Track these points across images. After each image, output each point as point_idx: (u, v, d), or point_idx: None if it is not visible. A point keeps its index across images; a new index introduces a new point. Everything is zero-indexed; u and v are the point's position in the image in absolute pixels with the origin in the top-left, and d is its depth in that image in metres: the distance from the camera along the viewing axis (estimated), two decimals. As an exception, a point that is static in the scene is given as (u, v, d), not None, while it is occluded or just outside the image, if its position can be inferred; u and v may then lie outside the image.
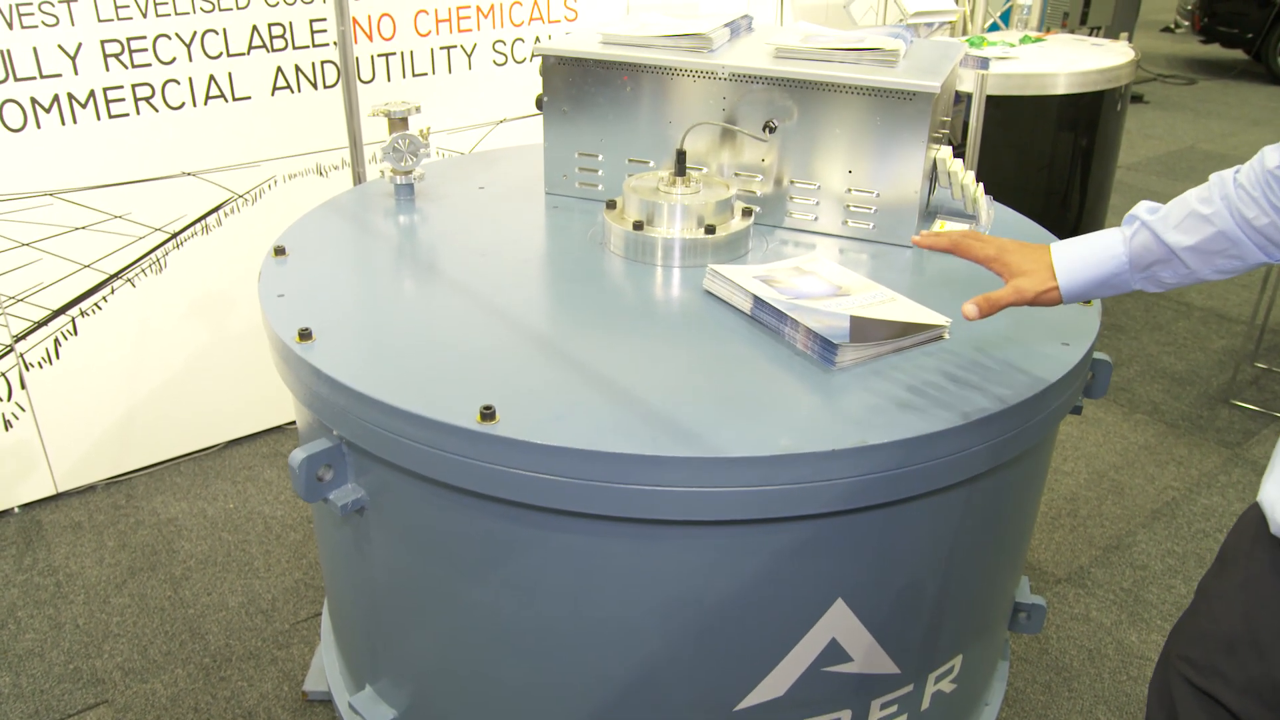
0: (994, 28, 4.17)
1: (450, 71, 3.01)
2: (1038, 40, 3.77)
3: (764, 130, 1.69)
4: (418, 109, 1.84)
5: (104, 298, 2.59)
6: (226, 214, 2.71)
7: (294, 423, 3.02)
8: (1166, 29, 12.06)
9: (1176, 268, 1.13)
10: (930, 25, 3.29)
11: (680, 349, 1.32)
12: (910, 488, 1.18)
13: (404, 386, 1.19)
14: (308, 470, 1.28)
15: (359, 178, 2.76)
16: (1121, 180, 5.53)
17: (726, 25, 1.85)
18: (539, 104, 1.86)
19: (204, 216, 2.68)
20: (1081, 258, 1.17)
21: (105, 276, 2.58)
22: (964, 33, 3.99)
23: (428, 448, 1.15)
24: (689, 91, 1.73)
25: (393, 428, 1.17)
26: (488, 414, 1.13)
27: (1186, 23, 10.62)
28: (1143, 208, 1.15)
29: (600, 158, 1.84)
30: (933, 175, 1.78)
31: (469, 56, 3.03)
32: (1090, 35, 4.65)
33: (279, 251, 1.59)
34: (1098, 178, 3.85)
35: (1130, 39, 8.28)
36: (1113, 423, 3.31)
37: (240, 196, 2.72)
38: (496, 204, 1.85)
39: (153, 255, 2.63)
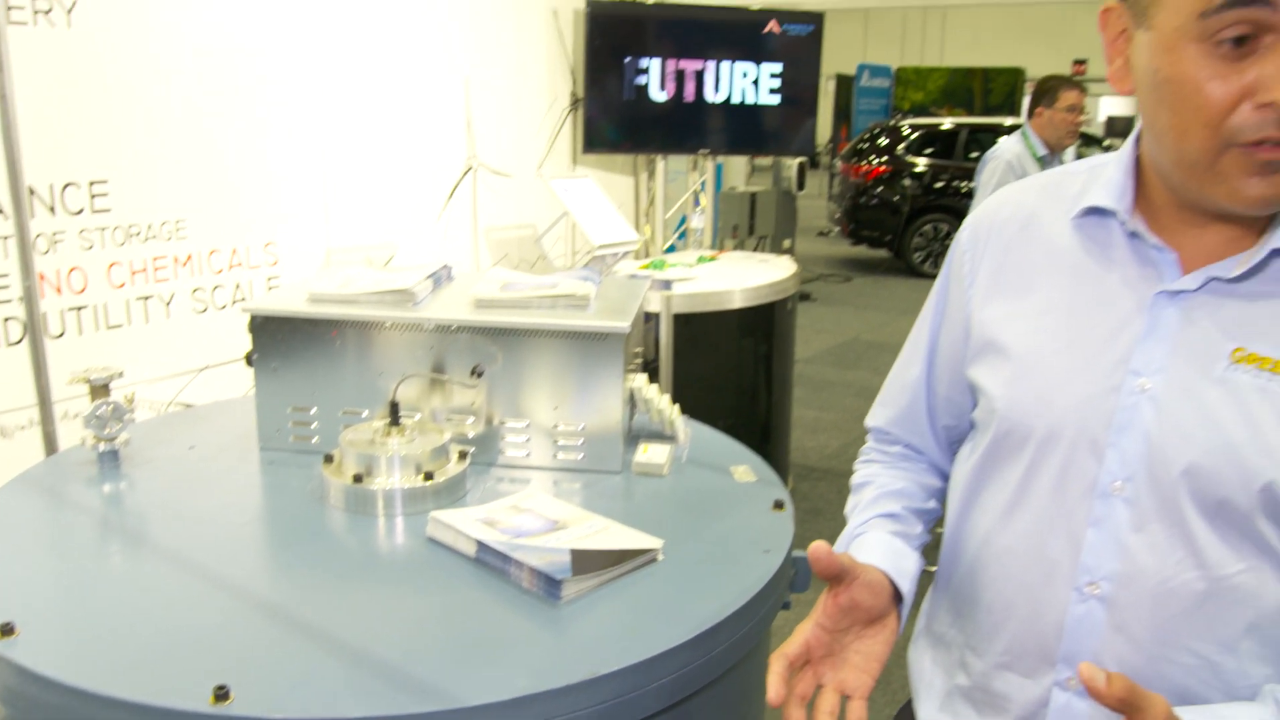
0: (671, 249, 4.60)
1: (147, 322, 2.96)
2: (712, 259, 4.18)
3: (471, 375, 1.80)
4: (120, 374, 1.82)
5: None
6: (-108, 491, 2.48)
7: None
8: (822, 233, 13.59)
9: None
10: (615, 254, 3.60)
11: (411, 601, 1.36)
12: (646, 708, 1.26)
13: (122, 675, 1.16)
14: (16, 781, 1.20)
15: (50, 439, 2.63)
16: (802, 373, 6.08)
17: (429, 277, 1.98)
18: (249, 360, 1.88)
19: None
20: None
21: None
22: (646, 255, 4.37)
23: (156, 740, 1.12)
24: (397, 343, 1.83)
25: (116, 723, 1.13)
26: (221, 694, 1.11)
27: (837, 228, 12.06)
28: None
29: (314, 410, 1.88)
30: (632, 401, 1.94)
31: (167, 306, 3.00)
32: (756, 251, 5.20)
33: (-31, 540, 1.51)
34: (780, 373, 4.26)
35: (793, 244, 9.29)
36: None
37: (-92, 470, 2.50)
38: (209, 464, 1.83)
39: None
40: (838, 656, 1.17)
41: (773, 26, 4.98)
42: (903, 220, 11.20)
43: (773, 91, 5.22)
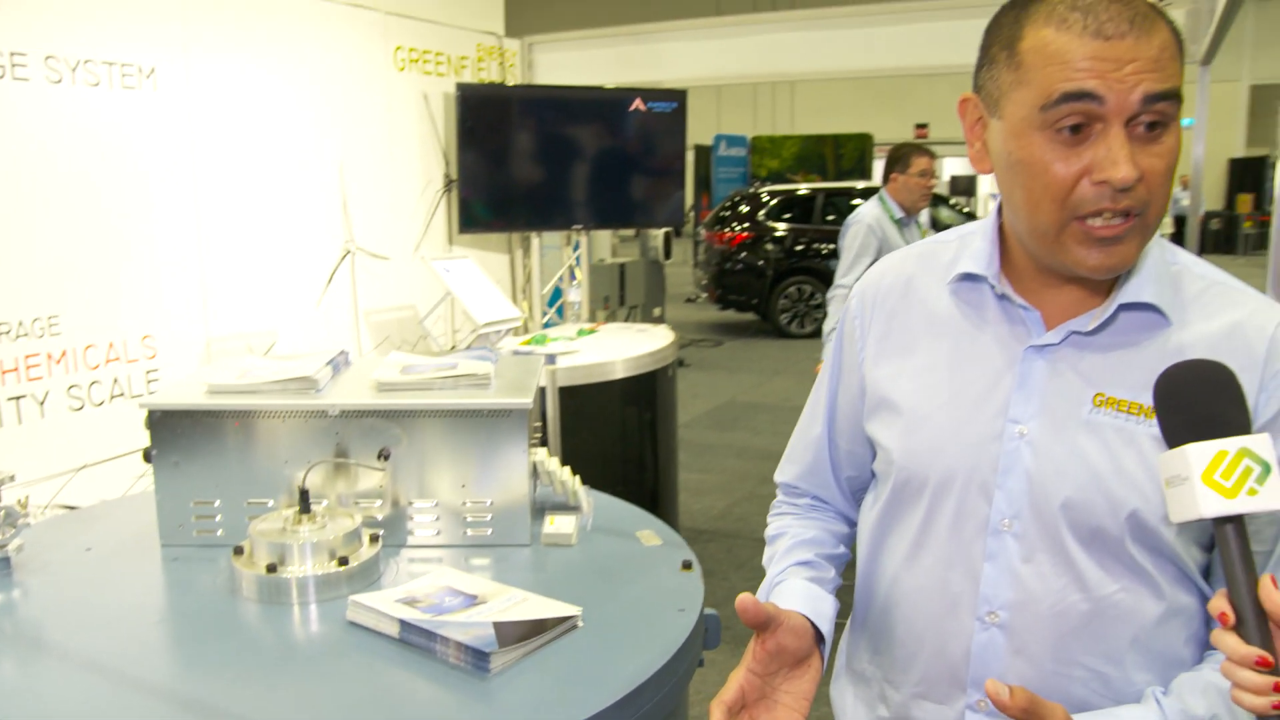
0: (550, 324, 4.67)
1: (20, 422, 2.87)
2: (591, 332, 4.27)
3: (378, 458, 1.83)
4: (12, 477, 1.77)
5: None
6: None
7: None
8: (690, 300, 13.86)
9: None
10: (499, 331, 3.65)
11: (339, 685, 1.37)
12: (579, 773, 1.30)
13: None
14: None
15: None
16: (682, 437, 6.18)
17: (328, 363, 2.00)
18: (147, 457, 1.86)
19: None
20: None
21: None
22: (526, 330, 4.43)
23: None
24: (301, 431, 1.84)
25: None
26: (156, 796, 1.11)
27: (705, 294, 12.36)
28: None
29: (217, 503, 1.87)
30: (535, 475, 1.99)
31: (41, 405, 2.91)
32: (628, 321, 5.32)
33: None
34: (664, 439, 4.35)
35: (664, 312, 9.47)
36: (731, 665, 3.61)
37: None
38: (109, 565, 1.80)
39: None
40: (770, 699, 1.23)
41: (638, 104, 5.16)
42: (768, 283, 11.57)
43: (640, 166, 5.39)
